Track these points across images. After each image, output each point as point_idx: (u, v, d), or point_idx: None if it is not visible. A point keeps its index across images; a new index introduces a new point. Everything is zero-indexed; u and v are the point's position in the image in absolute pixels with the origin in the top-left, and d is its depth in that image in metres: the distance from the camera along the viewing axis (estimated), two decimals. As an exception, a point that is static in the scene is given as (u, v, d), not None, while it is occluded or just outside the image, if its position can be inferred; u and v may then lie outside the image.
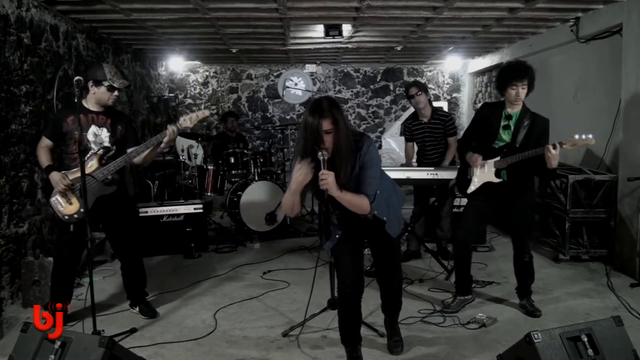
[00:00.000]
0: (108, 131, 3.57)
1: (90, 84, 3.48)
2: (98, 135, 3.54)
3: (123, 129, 3.66)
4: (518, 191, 3.62)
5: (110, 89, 3.48)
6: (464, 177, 3.83)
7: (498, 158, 3.59)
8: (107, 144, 3.56)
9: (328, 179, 2.51)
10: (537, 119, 3.56)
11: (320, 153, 2.55)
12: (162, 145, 3.59)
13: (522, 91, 3.51)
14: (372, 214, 2.73)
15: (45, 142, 3.52)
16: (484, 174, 3.68)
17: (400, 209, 3.02)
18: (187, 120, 3.55)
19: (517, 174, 3.56)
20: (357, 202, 2.63)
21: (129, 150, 3.57)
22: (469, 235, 3.81)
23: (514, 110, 3.60)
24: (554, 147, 3.27)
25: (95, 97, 3.52)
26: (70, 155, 3.52)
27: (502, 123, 3.63)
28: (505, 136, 3.62)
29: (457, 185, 4.01)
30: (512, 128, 3.59)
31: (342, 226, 2.89)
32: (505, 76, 3.56)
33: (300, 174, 2.57)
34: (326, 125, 2.54)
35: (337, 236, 2.89)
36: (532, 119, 3.55)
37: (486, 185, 3.68)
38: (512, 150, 3.53)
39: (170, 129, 3.50)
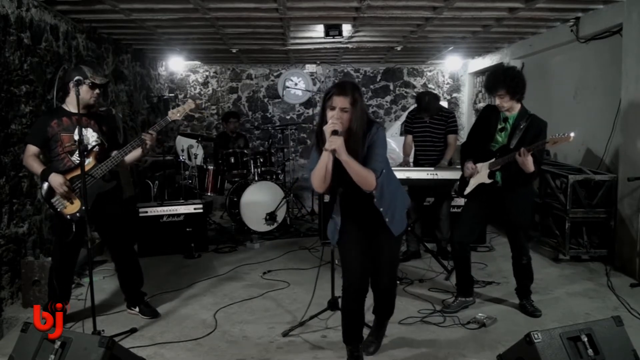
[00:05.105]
0: (94, 131, 3.60)
1: (71, 85, 3.49)
2: (84, 135, 3.54)
3: (107, 129, 3.70)
4: (512, 192, 3.62)
5: (92, 86, 3.50)
6: (464, 179, 3.87)
7: (493, 160, 3.61)
8: (92, 143, 3.56)
9: (337, 140, 2.56)
10: (534, 121, 3.55)
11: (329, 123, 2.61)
12: (147, 147, 3.61)
13: (501, 100, 3.53)
14: (377, 189, 2.73)
15: (32, 151, 3.49)
16: (478, 175, 3.72)
17: (404, 210, 3.01)
18: (175, 114, 3.63)
19: (511, 175, 3.56)
20: (364, 173, 2.65)
21: (114, 152, 3.59)
22: (464, 236, 3.82)
23: (511, 113, 3.60)
24: (519, 154, 3.35)
25: (77, 98, 3.52)
26: (57, 157, 3.52)
27: (499, 125, 3.65)
28: (501, 138, 3.64)
29: (458, 186, 4.03)
30: (509, 130, 3.60)
31: (344, 212, 2.89)
32: (485, 89, 3.67)
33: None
34: (344, 103, 2.64)
35: (337, 227, 2.89)
36: (529, 121, 3.55)
37: (481, 187, 3.70)
38: (506, 152, 3.55)
39: (145, 136, 3.57)
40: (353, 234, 2.90)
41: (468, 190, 3.79)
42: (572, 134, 3.25)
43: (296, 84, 9.59)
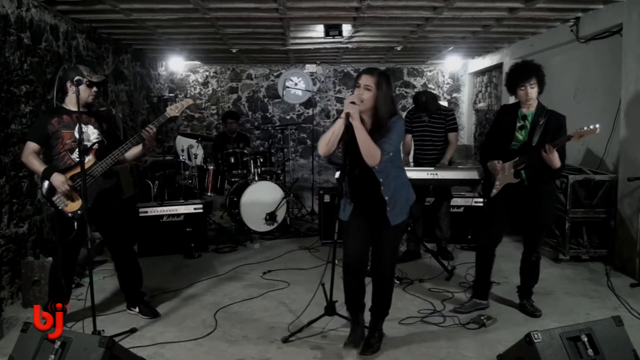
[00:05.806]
0: (95, 128, 3.62)
1: (68, 84, 3.52)
2: (84, 132, 3.55)
3: (107, 128, 3.72)
4: (538, 190, 3.59)
5: (90, 85, 3.53)
6: (488, 181, 3.81)
7: (517, 159, 3.58)
8: (93, 140, 3.57)
9: (353, 107, 2.76)
10: (553, 116, 3.53)
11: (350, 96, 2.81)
12: (147, 144, 3.62)
13: (532, 90, 3.49)
14: (382, 165, 2.85)
15: (32, 147, 3.48)
16: (504, 175, 3.66)
17: (406, 204, 3.11)
18: (174, 110, 3.66)
19: (536, 172, 3.53)
20: (371, 144, 2.79)
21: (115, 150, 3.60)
22: (492, 239, 3.80)
23: (529, 110, 3.58)
24: (544, 151, 3.34)
25: (77, 96, 3.53)
26: (57, 155, 3.52)
27: (518, 124, 3.61)
28: (522, 136, 3.60)
29: (482, 189, 3.99)
30: (528, 127, 3.57)
31: (353, 198, 3.07)
32: (512, 78, 3.57)
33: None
34: (369, 81, 2.87)
35: (350, 206, 3.07)
36: (547, 117, 3.52)
37: (508, 187, 3.65)
38: (528, 150, 3.51)
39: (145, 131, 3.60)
40: (357, 222, 3.08)
41: (494, 192, 3.72)
42: (597, 126, 3.23)
43: (296, 84, 9.59)
